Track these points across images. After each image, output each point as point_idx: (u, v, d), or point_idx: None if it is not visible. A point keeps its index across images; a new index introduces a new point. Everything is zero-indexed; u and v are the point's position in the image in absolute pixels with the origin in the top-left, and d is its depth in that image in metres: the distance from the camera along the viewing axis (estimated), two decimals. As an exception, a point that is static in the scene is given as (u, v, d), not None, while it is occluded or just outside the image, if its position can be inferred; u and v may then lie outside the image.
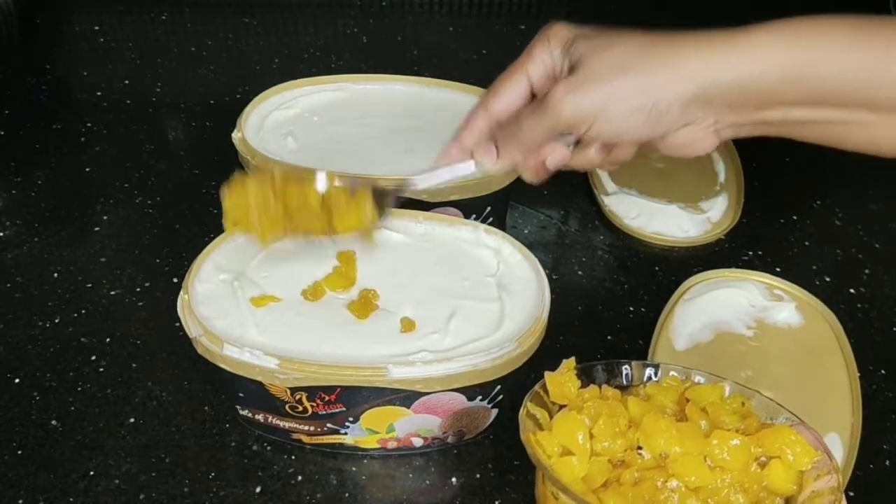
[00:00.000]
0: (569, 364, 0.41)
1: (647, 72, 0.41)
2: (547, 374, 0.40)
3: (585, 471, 0.36)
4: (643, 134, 0.42)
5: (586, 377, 0.41)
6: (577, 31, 0.45)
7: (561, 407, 0.40)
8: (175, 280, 0.63)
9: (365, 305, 0.48)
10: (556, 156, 0.46)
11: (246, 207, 0.46)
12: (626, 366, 0.42)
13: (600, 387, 0.40)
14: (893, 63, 0.38)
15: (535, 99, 0.47)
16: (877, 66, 0.38)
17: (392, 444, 0.51)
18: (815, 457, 0.36)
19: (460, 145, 0.50)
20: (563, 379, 0.40)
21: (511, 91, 0.47)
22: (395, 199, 0.50)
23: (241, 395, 0.49)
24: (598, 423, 0.37)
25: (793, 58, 0.39)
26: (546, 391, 0.40)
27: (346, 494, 0.50)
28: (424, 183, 0.50)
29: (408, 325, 0.47)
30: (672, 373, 0.41)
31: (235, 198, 0.46)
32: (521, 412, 0.38)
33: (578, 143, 0.46)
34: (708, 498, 0.35)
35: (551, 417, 0.39)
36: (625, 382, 0.41)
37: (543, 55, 0.46)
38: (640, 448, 0.37)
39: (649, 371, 0.41)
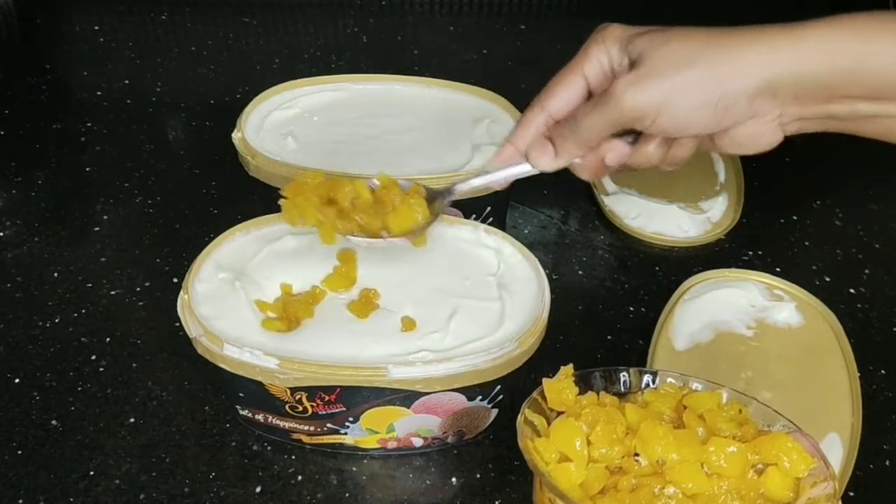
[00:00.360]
0: (567, 371, 0.41)
1: (712, 65, 0.41)
2: (545, 381, 0.40)
3: (583, 477, 0.36)
4: (707, 127, 0.43)
5: (584, 384, 0.41)
6: (632, 30, 0.45)
7: (559, 413, 0.40)
8: (175, 280, 0.63)
9: (365, 305, 0.48)
10: (616, 152, 0.46)
11: (305, 207, 0.48)
12: (624, 373, 0.42)
13: (598, 394, 0.40)
14: None
15: (593, 97, 0.47)
16: None
17: (392, 444, 0.51)
18: (812, 464, 0.36)
19: (515, 146, 0.49)
20: (560, 386, 0.40)
21: (568, 90, 0.47)
22: (446, 201, 0.50)
23: (241, 395, 0.49)
24: (596, 430, 0.37)
25: (851, 51, 0.39)
26: (544, 398, 0.40)
27: (346, 494, 0.50)
28: (477, 182, 0.50)
29: (408, 325, 0.47)
30: (670, 379, 0.41)
31: (293, 196, 0.48)
32: (519, 419, 0.38)
33: (638, 139, 0.46)
34: None
35: (549, 424, 0.39)
36: (623, 389, 0.41)
37: (599, 54, 0.45)
38: (637, 455, 0.37)
39: (647, 378, 0.42)
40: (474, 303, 0.49)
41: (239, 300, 0.48)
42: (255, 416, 0.50)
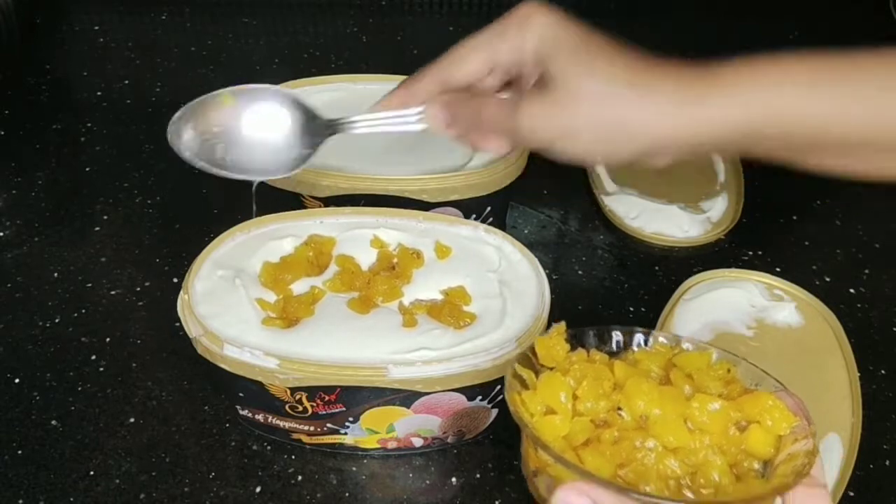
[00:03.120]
0: (559, 328, 0.41)
1: (621, 109, 0.39)
2: (536, 337, 0.40)
3: (567, 430, 0.36)
4: (605, 160, 0.41)
5: (577, 342, 0.41)
6: (556, 25, 0.42)
7: (550, 370, 0.40)
8: (175, 280, 0.63)
9: (365, 303, 0.48)
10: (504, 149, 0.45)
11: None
12: (617, 332, 0.41)
13: (588, 351, 0.41)
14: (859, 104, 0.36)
15: (504, 88, 0.46)
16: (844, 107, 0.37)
17: (392, 444, 0.51)
18: (794, 422, 0.36)
19: (410, 95, 0.46)
20: (551, 342, 0.40)
21: (474, 64, 0.45)
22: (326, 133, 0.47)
23: (241, 395, 0.49)
24: (583, 385, 0.38)
25: (755, 109, 0.37)
26: (535, 354, 0.40)
27: (346, 494, 0.50)
28: (363, 128, 0.48)
29: (409, 322, 0.47)
30: (661, 339, 0.41)
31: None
32: (508, 372, 0.38)
33: None
34: (685, 458, 0.35)
35: (538, 379, 0.40)
36: (615, 349, 0.41)
37: (517, 41, 0.43)
38: (620, 409, 0.37)
39: (639, 337, 0.41)
40: (475, 299, 0.49)
41: (239, 298, 0.48)
42: (255, 416, 0.50)
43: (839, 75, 0.37)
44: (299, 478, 0.51)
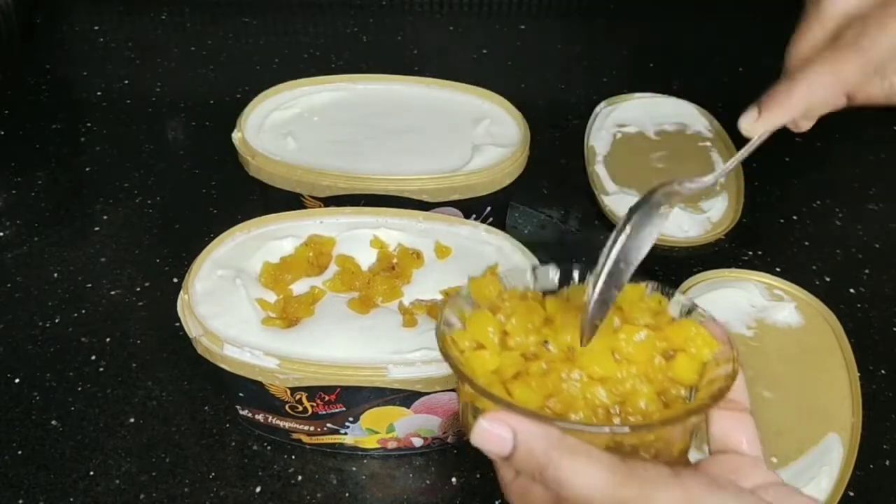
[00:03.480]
0: (492, 268, 0.41)
1: None
2: (471, 277, 0.40)
3: (496, 364, 0.36)
4: None
5: (514, 281, 0.41)
6: None
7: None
8: (175, 280, 0.63)
9: (365, 303, 0.48)
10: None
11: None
12: (553, 269, 0.41)
13: (524, 289, 0.40)
14: None
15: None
16: None
17: (392, 444, 0.51)
18: (716, 348, 0.37)
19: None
20: (484, 282, 0.40)
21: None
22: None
23: (241, 395, 0.49)
24: (511, 320, 0.38)
25: None
26: (468, 295, 0.40)
27: (346, 494, 0.50)
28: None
29: (409, 322, 0.47)
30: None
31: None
32: (438, 315, 0.38)
33: None
34: (613, 388, 0.35)
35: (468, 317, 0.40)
36: (549, 287, 0.41)
37: None
38: (546, 342, 0.37)
39: (575, 275, 0.41)
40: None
41: (239, 298, 0.48)
42: (255, 416, 0.50)
43: None
44: (299, 478, 0.51)
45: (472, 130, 0.62)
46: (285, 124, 0.62)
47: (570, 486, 0.31)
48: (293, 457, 0.52)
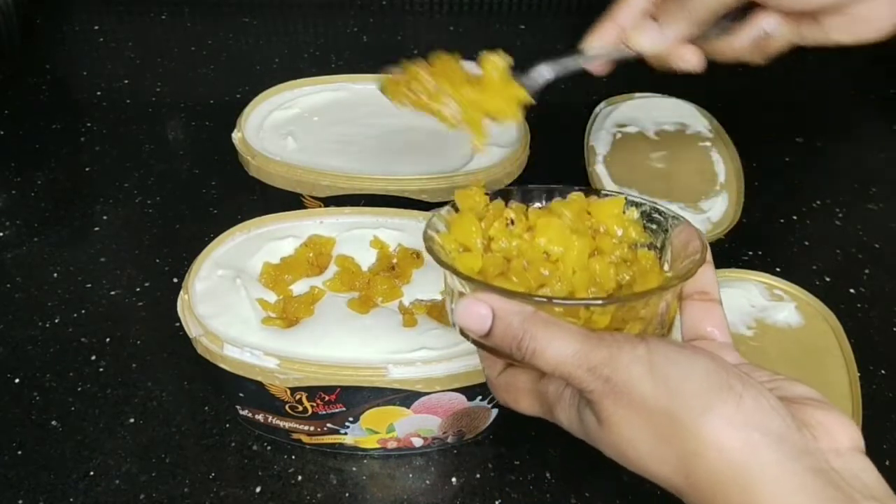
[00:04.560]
0: (478, 182, 0.41)
1: None
2: (457, 190, 0.41)
3: (480, 264, 0.37)
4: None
5: (499, 197, 0.41)
6: None
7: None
8: (175, 280, 0.63)
9: (365, 303, 0.48)
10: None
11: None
12: (539, 190, 0.42)
13: (507, 203, 0.41)
14: None
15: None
16: None
17: (392, 444, 0.51)
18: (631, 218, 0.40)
19: (614, 22, 0.47)
20: (471, 192, 0.41)
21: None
22: (539, 82, 0.49)
23: (241, 395, 0.49)
24: (494, 225, 0.39)
25: None
26: (455, 208, 0.41)
27: (346, 494, 0.50)
28: (573, 63, 0.49)
29: (409, 321, 0.47)
30: (577, 191, 0.42)
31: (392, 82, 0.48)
32: (427, 223, 0.39)
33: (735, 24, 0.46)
34: (589, 280, 0.37)
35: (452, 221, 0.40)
36: (534, 205, 0.42)
37: None
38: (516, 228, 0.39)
39: (558, 195, 0.42)
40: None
41: (239, 298, 0.48)
42: (255, 416, 0.50)
43: None
44: (299, 478, 0.51)
45: (473, 130, 0.62)
46: (285, 124, 0.62)
47: (544, 356, 0.32)
48: (293, 457, 0.52)
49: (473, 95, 0.46)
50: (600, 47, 0.49)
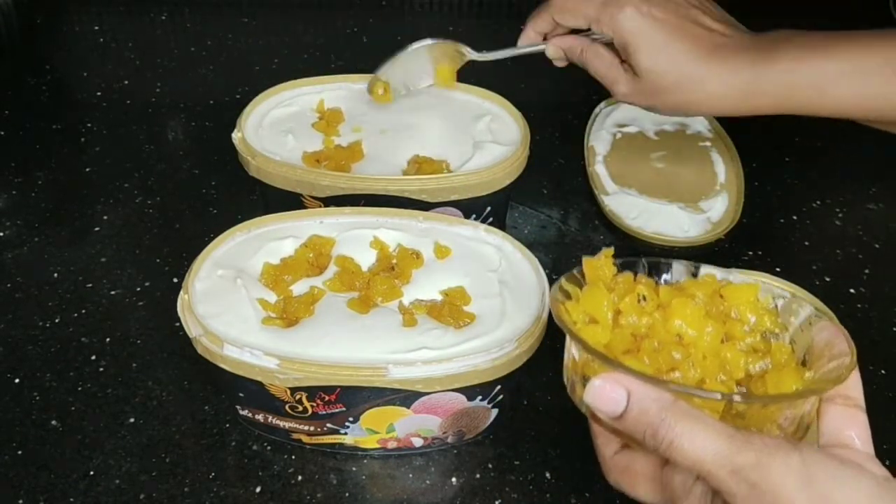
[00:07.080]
0: (607, 252, 0.41)
1: (695, 95, 0.54)
2: (585, 258, 0.40)
3: (608, 339, 0.37)
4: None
5: (625, 269, 0.41)
6: (641, 19, 0.53)
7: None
8: (175, 280, 0.63)
9: (365, 303, 0.48)
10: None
11: None
12: (667, 265, 0.41)
13: (635, 276, 0.41)
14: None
15: None
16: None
17: (392, 444, 0.51)
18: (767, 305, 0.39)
19: (536, 36, 0.62)
20: (599, 263, 0.40)
21: (575, 22, 0.58)
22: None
23: (241, 395, 0.49)
24: (625, 300, 0.38)
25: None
26: (583, 275, 0.40)
27: (346, 494, 0.50)
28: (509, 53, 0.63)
29: (409, 322, 0.47)
30: (710, 271, 0.41)
31: None
32: (554, 287, 0.39)
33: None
34: (723, 368, 0.36)
35: (582, 291, 0.40)
36: (663, 281, 0.41)
37: (608, 28, 0.55)
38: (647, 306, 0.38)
39: (691, 270, 0.41)
40: (475, 299, 0.49)
41: (239, 298, 0.48)
42: (255, 416, 0.50)
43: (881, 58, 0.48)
44: (299, 478, 0.51)
45: (473, 128, 0.62)
46: (285, 124, 0.62)
47: (681, 449, 0.30)
48: (293, 457, 0.52)
49: None
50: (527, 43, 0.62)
